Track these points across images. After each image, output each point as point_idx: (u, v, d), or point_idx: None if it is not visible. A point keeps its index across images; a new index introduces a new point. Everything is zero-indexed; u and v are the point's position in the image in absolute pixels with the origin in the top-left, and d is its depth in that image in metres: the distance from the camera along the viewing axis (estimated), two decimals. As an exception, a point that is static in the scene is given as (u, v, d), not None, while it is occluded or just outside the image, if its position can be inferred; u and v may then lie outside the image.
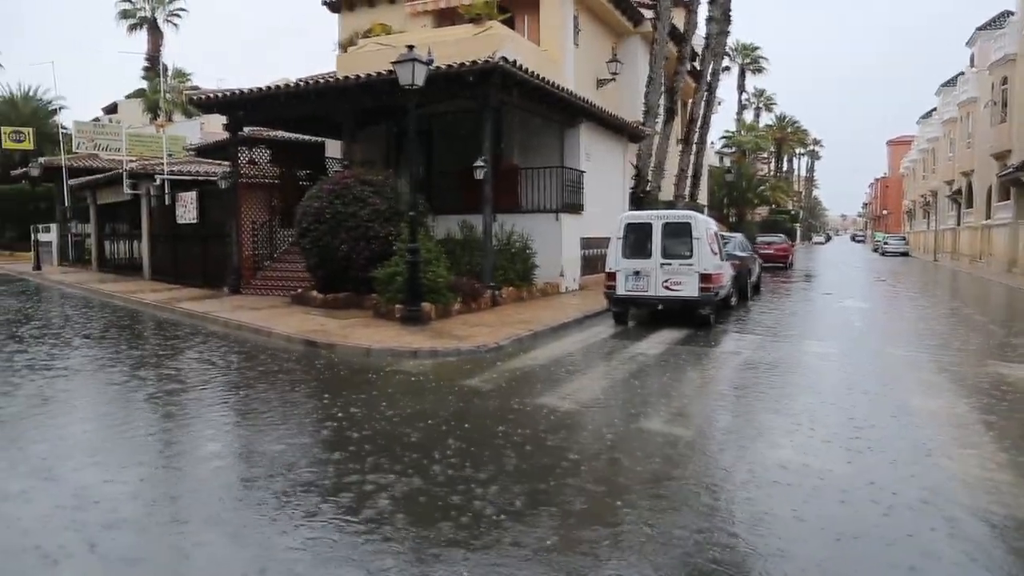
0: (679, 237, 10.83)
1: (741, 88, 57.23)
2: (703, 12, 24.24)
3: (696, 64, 25.44)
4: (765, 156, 62.60)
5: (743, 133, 53.61)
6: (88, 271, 24.21)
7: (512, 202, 15.24)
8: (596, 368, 8.32)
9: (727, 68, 46.75)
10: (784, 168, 70.75)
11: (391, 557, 3.42)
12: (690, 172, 25.45)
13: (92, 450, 5.16)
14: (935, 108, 49.37)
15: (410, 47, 10.38)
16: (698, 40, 25.27)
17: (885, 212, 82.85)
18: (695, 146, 25.75)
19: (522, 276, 14.02)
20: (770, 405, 6.40)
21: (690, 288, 10.73)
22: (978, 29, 35.01)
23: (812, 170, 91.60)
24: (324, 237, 12.28)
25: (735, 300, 13.76)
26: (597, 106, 16.68)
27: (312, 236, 12.48)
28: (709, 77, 25.79)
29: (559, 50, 18.04)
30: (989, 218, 30.77)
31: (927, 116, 53.38)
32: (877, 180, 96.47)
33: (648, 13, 21.91)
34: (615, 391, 6.99)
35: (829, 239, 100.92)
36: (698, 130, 25.77)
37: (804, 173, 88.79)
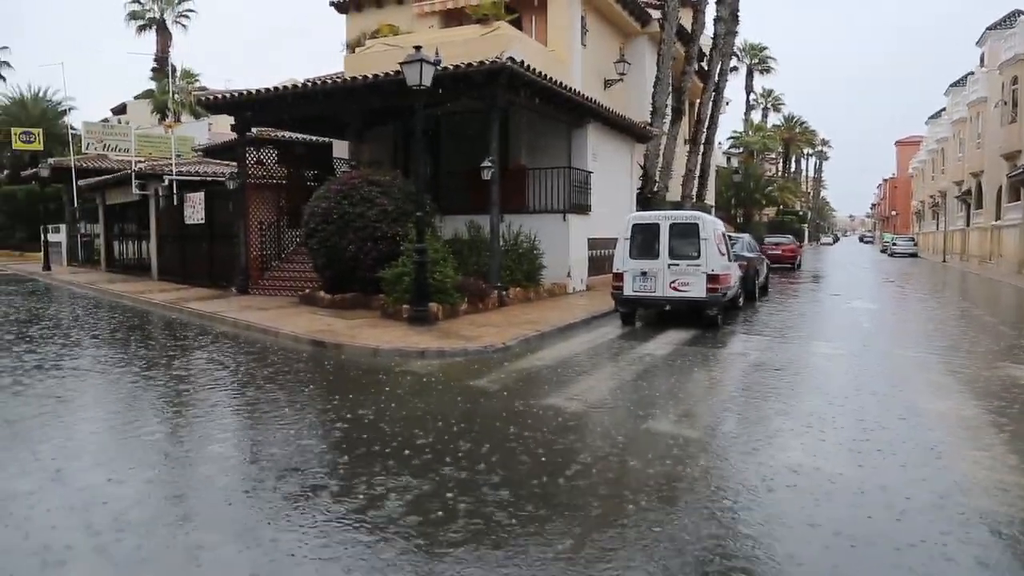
0: (686, 238, 10.80)
1: (749, 88, 56.97)
2: (711, 12, 24.25)
3: (704, 64, 25.38)
4: (773, 156, 62.34)
5: (751, 133, 53.45)
6: (97, 271, 24.37)
7: (519, 202, 15.23)
8: (603, 369, 8.30)
9: (735, 68, 46.55)
10: (792, 169, 70.36)
11: (402, 558, 3.41)
12: (697, 172, 25.42)
13: (100, 450, 5.18)
14: (944, 108, 49.09)
15: (417, 48, 10.41)
16: (706, 40, 25.21)
17: (893, 213, 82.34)
18: (702, 146, 25.72)
19: (529, 276, 14.01)
20: (779, 407, 6.36)
21: (697, 289, 10.70)
22: (988, 29, 34.85)
23: (820, 171, 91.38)
24: (332, 237, 12.31)
25: (743, 301, 13.70)
26: (604, 106, 16.64)
27: (320, 236, 12.51)
28: (717, 77, 25.72)
29: (566, 50, 18.03)
30: (999, 219, 30.55)
31: (936, 116, 53.05)
32: (885, 181, 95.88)
33: (655, 13, 21.89)
34: (623, 392, 6.97)
35: (837, 240, 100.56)
36: (705, 130, 25.73)
37: (812, 174, 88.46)
